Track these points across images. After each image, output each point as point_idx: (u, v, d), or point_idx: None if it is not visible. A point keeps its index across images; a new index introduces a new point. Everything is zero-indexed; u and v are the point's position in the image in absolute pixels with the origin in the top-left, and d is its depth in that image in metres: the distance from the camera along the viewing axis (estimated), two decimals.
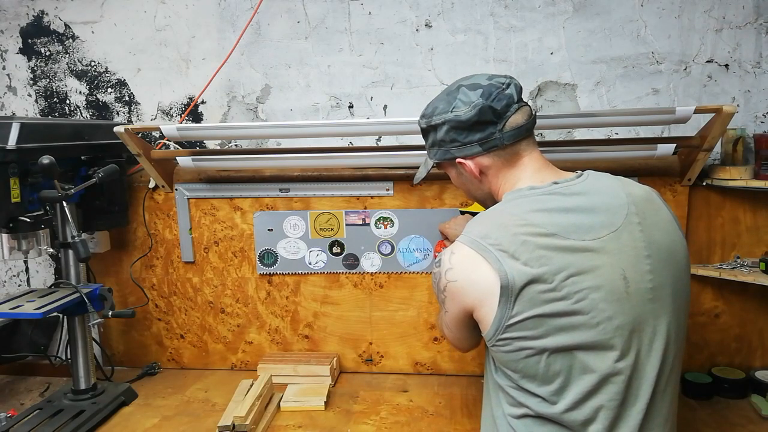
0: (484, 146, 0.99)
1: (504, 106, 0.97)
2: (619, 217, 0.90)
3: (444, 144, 1.03)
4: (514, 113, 0.98)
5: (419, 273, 1.59)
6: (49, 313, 1.27)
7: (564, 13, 1.52)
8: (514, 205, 0.95)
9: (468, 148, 1.00)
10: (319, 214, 1.60)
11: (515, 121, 0.98)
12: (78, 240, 1.29)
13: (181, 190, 1.63)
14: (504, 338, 0.88)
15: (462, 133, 1.00)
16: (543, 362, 0.87)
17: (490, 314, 0.88)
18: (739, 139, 1.40)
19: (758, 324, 1.49)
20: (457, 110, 0.99)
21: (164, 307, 1.71)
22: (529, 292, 0.85)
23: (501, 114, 0.97)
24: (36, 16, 1.72)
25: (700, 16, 1.48)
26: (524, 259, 0.85)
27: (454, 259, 0.93)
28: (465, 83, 1.01)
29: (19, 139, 1.24)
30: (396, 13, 1.57)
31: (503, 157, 1.00)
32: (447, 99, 1.02)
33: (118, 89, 1.73)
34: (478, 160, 1.01)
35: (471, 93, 0.99)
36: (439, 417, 1.38)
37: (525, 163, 1.01)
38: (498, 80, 1.00)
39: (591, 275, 0.85)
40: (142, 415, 1.43)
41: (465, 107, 0.98)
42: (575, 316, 0.85)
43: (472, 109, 0.97)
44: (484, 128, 0.98)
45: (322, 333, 1.66)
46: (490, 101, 0.97)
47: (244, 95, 1.67)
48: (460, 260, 0.92)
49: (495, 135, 0.98)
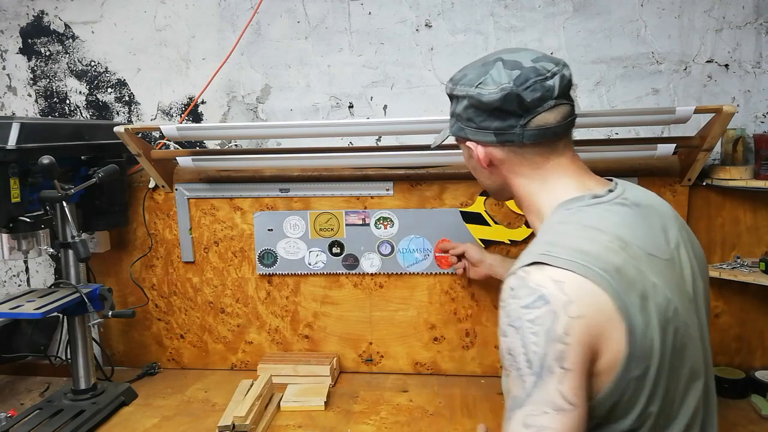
0: (499, 138, 0.86)
1: (536, 100, 0.83)
2: (674, 230, 0.85)
3: (460, 119, 0.91)
4: (547, 111, 0.83)
5: (419, 273, 1.59)
6: (49, 313, 1.27)
7: (564, 13, 1.52)
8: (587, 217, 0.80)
9: (482, 134, 0.88)
10: (319, 214, 1.60)
11: (543, 121, 0.84)
12: (78, 240, 1.30)
13: (181, 190, 1.63)
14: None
15: (480, 115, 0.87)
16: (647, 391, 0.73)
17: (618, 356, 0.71)
18: (739, 139, 1.40)
19: (758, 324, 1.49)
20: (482, 87, 0.85)
21: (164, 307, 1.71)
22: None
23: (529, 108, 0.83)
24: (36, 16, 1.72)
25: (700, 16, 1.48)
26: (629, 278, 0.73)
27: (566, 287, 0.70)
28: (506, 57, 0.86)
29: (19, 139, 1.24)
30: (396, 13, 1.57)
31: (521, 155, 0.87)
32: (480, 70, 0.87)
33: (118, 89, 1.73)
34: (490, 150, 0.89)
35: (505, 72, 0.84)
36: (439, 417, 1.38)
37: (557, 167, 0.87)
38: (544, 65, 0.84)
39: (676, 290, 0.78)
40: (142, 415, 1.43)
41: (491, 87, 0.84)
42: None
43: (498, 92, 0.83)
44: (505, 118, 0.85)
45: (322, 333, 1.66)
46: (522, 89, 0.82)
47: (244, 95, 1.67)
48: (577, 287, 0.70)
49: (515, 130, 0.85)
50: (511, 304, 0.72)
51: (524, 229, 1.51)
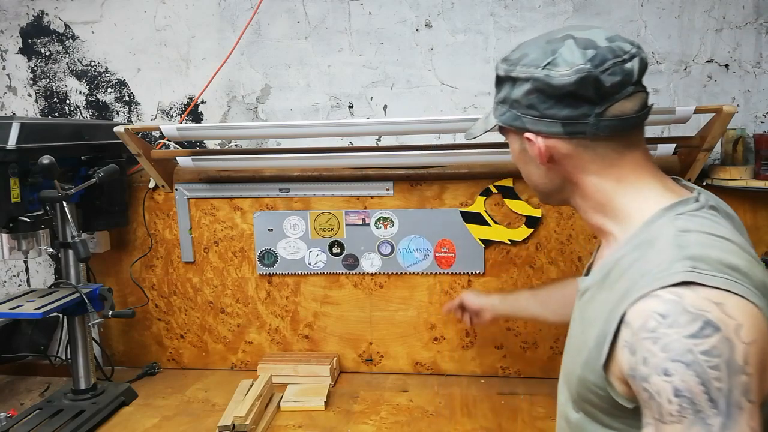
0: (567, 129, 0.74)
1: (616, 85, 0.71)
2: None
3: (517, 106, 0.77)
4: (625, 98, 0.72)
5: (419, 273, 1.59)
6: (49, 313, 1.27)
7: (564, 13, 1.52)
8: (708, 226, 0.69)
9: (545, 123, 0.75)
10: (319, 214, 1.60)
11: (621, 109, 0.73)
12: (78, 240, 1.30)
13: (181, 190, 1.63)
14: None
15: (546, 102, 0.74)
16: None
17: None
18: (739, 139, 1.40)
19: None
20: (552, 68, 0.72)
21: (164, 307, 1.71)
22: None
23: (607, 95, 0.71)
24: (36, 16, 1.72)
25: (700, 16, 1.48)
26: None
27: (729, 310, 0.60)
28: (576, 34, 0.74)
29: (19, 139, 1.24)
30: (396, 13, 1.57)
31: (591, 150, 0.75)
32: (545, 48, 0.74)
33: (118, 89, 1.73)
34: (553, 143, 0.76)
35: (578, 51, 0.72)
36: (439, 417, 1.38)
37: (634, 165, 0.76)
38: (620, 46, 0.72)
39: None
40: (142, 415, 1.43)
41: (563, 68, 0.71)
42: None
43: (572, 73, 0.71)
44: (577, 105, 0.72)
45: (322, 333, 1.66)
46: (600, 71, 0.70)
47: (244, 95, 1.67)
48: (741, 308, 0.60)
49: (588, 120, 0.72)
50: (669, 335, 0.59)
51: (524, 229, 1.51)
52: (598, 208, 0.79)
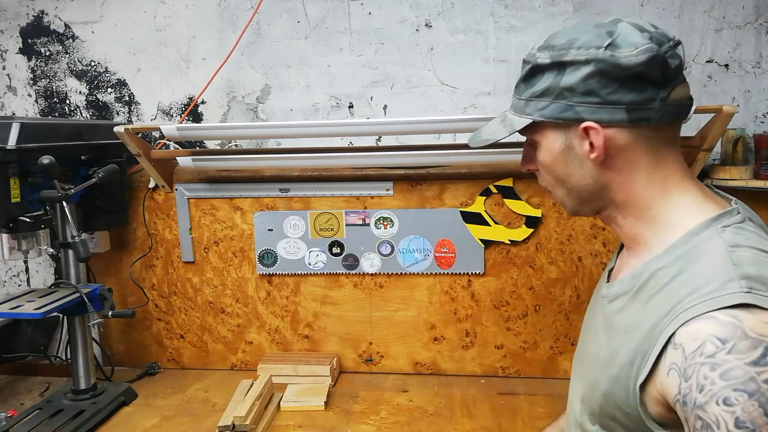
0: (632, 115, 0.68)
1: (678, 68, 0.68)
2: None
3: (570, 95, 0.70)
4: (682, 83, 0.69)
5: (419, 273, 1.59)
6: (49, 313, 1.27)
7: (564, 13, 1.52)
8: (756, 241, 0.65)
9: (608, 111, 0.68)
10: (319, 214, 1.60)
11: (681, 94, 0.69)
12: (78, 240, 1.30)
13: (181, 190, 1.63)
14: None
15: (609, 86, 0.68)
16: None
17: None
18: (739, 139, 1.40)
19: None
20: (615, 49, 0.67)
21: (164, 307, 1.71)
22: None
23: (671, 77, 0.68)
24: (36, 16, 1.72)
25: (700, 16, 1.48)
26: None
27: None
28: (624, 19, 0.71)
29: (19, 139, 1.24)
30: (396, 13, 1.57)
31: (648, 140, 0.70)
32: (597, 31, 0.70)
33: (118, 89, 1.73)
34: (613, 133, 0.69)
35: (637, 33, 0.68)
36: (439, 417, 1.38)
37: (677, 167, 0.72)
38: (665, 32, 0.69)
39: None
40: (142, 415, 1.43)
41: (628, 49, 0.67)
42: None
43: (640, 53, 0.66)
44: (643, 89, 0.67)
45: (322, 333, 1.66)
46: (664, 52, 0.67)
47: (244, 95, 1.67)
48: None
49: (654, 104, 0.67)
50: (730, 362, 0.55)
51: (524, 229, 1.51)
52: (638, 214, 0.74)
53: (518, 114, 0.76)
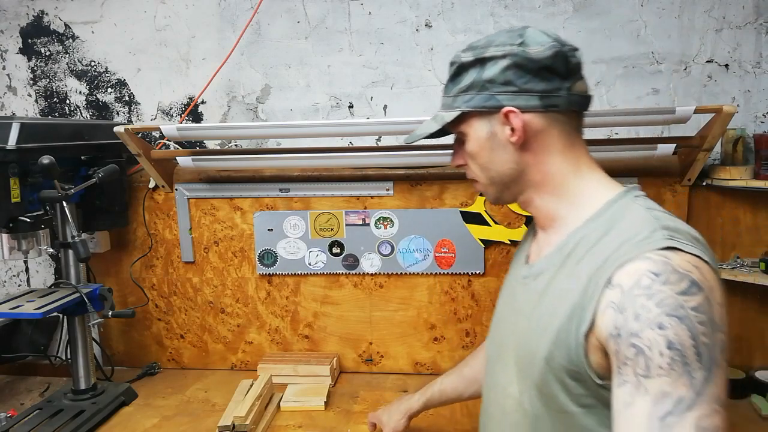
0: (544, 102, 0.78)
1: (577, 65, 0.80)
2: None
3: (491, 86, 0.79)
4: (581, 79, 0.81)
5: (419, 273, 1.59)
6: (49, 313, 1.27)
7: (564, 13, 1.52)
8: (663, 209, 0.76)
9: (523, 98, 0.78)
10: (319, 214, 1.60)
11: (582, 87, 0.81)
12: (78, 240, 1.29)
13: (181, 190, 1.63)
14: None
15: (523, 77, 0.78)
16: None
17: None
18: (739, 139, 1.40)
19: (758, 324, 1.49)
20: (526, 46, 0.78)
21: (164, 307, 1.71)
22: None
23: (573, 71, 0.79)
24: (36, 16, 1.72)
25: (700, 16, 1.48)
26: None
27: (705, 274, 0.65)
28: (530, 26, 0.82)
29: (19, 139, 1.24)
30: (396, 13, 1.57)
31: (558, 125, 0.80)
32: (509, 34, 0.81)
33: (118, 89, 1.73)
34: (530, 118, 0.79)
35: (543, 34, 0.80)
36: (439, 417, 1.38)
37: (585, 150, 0.83)
38: (566, 40, 0.82)
39: None
40: (142, 415, 1.43)
41: (537, 46, 0.78)
42: None
43: (546, 49, 0.77)
44: (551, 79, 0.78)
45: (322, 333, 1.66)
46: (566, 50, 0.79)
47: (244, 95, 1.67)
48: (710, 274, 0.66)
49: (561, 93, 0.78)
50: (664, 291, 0.63)
51: (524, 229, 1.51)
52: (554, 191, 0.82)
53: (447, 110, 0.85)
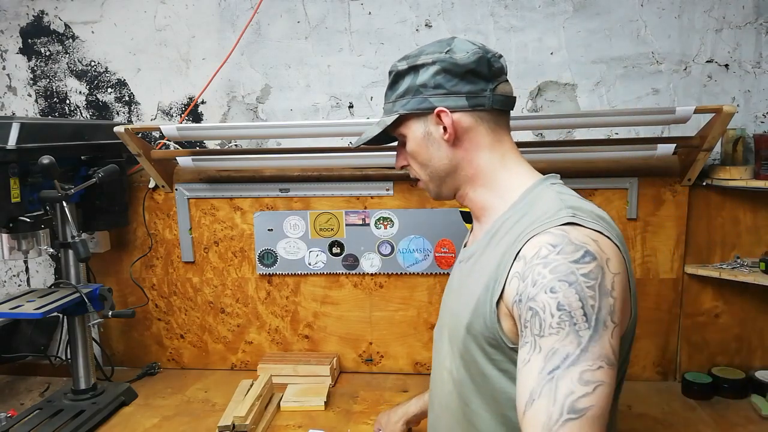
0: (471, 102, 0.87)
1: (499, 68, 0.89)
2: None
3: (424, 90, 0.89)
4: (504, 82, 0.91)
5: (419, 273, 1.59)
6: (49, 313, 1.27)
7: (564, 13, 1.52)
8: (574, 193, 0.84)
9: (452, 99, 0.87)
10: (319, 214, 1.60)
11: (505, 89, 0.90)
12: (78, 240, 1.30)
13: (181, 190, 1.63)
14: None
15: (451, 80, 0.87)
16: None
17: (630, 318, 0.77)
18: (739, 139, 1.40)
19: (758, 324, 1.49)
20: (453, 53, 0.87)
21: (164, 307, 1.71)
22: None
23: (495, 75, 0.89)
24: (36, 16, 1.72)
25: (700, 16, 1.48)
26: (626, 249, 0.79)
27: (603, 246, 0.73)
28: (459, 37, 0.93)
29: (19, 139, 1.24)
30: (396, 13, 1.57)
31: (486, 122, 0.89)
32: (438, 44, 0.91)
33: (118, 89, 1.73)
34: (459, 116, 0.88)
35: (468, 42, 0.90)
36: None
37: (511, 146, 0.91)
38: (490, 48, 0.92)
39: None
40: (142, 415, 1.43)
41: (462, 52, 0.87)
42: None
43: (471, 55, 0.87)
44: (476, 82, 0.88)
45: (322, 333, 1.66)
46: (489, 56, 0.88)
47: (244, 95, 1.67)
48: (609, 246, 0.74)
49: (485, 94, 0.88)
50: (558, 260, 0.71)
51: None
52: (485, 184, 0.91)
53: (388, 115, 0.94)
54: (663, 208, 1.47)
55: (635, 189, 1.47)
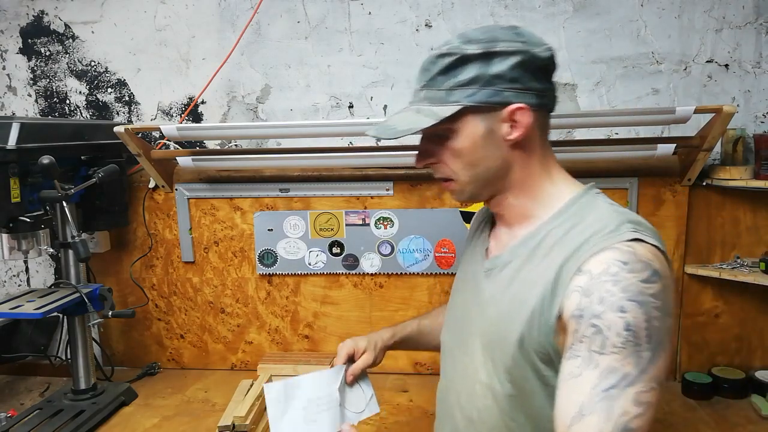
0: (541, 101, 0.80)
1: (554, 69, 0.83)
2: None
3: (499, 81, 0.77)
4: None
5: (419, 273, 1.59)
6: (49, 313, 1.27)
7: (564, 13, 1.52)
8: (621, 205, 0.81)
9: (526, 96, 0.78)
10: (319, 214, 1.60)
11: (556, 90, 0.84)
12: (78, 240, 1.30)
13: (181, 190, 1.63)
14: None
15: (527, 75, 0.78)
16: None
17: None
18: (739, 139, 1.40)
19: (758, 324, 1.49)
20: (530, 45, 0.78)
21: (164, 307, 1.71)
22: None
23: (553, 74, 0.83)
24: (36, 16, 1.72)
25: (700, 16, 1.48)
26: None
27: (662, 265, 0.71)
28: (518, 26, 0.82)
29: (19, 139, 1.24)
30: (396, 13, 1.57)
31: (542, 127, 0.82)
32: (505, 32, 0.79)
33: (118, 89, 1.73)
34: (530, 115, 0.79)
35: (535, 35, 0.80)
36: None
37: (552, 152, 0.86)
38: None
39: None
40: (142, 415, 1.43)
41: (539, 47, 0.78)
42: None
43: (547, 50, 0.79)
44: (545, 80, 0.80)
45: (322, 333, 1.66)
46: (554, 53, 0.81)
47: (244, 95, 1.67)
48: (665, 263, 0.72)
49: (550, 93, 0.81)
50: (629, 279, 0.68)
51: None
52: (529, 191, 0.84)
53: (439, 104, 0.80)
54: (663, 208, 1.47)
55: (635, 189, 1.47)
